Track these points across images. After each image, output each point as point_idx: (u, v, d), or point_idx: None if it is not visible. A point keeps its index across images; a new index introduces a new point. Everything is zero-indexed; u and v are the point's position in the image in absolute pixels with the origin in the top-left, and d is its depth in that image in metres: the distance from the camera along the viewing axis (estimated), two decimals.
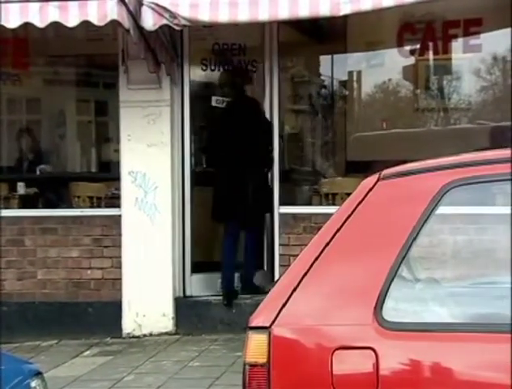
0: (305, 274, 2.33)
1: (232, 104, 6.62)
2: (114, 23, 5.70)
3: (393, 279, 2.23)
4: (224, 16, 5.69)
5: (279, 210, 6.38)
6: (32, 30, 5.85)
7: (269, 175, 6.51)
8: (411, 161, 2.47)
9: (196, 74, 6.83)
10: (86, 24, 5.67)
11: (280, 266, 6.30)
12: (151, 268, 6.42)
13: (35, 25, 5.58)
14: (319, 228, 2.44)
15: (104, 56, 7.27)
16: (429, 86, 7.28)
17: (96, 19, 5.58)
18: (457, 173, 2.30)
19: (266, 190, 6.42)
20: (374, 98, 7.49)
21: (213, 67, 6.82)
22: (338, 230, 2.35)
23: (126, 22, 5.62)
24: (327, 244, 2.35)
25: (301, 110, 7.16)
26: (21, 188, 6.96)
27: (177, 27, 5.87)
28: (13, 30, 5.75)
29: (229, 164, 6.40)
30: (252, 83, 7.03)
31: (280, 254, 6.35)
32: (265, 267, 6.66)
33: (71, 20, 5.56)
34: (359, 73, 7.38)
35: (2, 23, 5.60)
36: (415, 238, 2.25)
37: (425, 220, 2.26)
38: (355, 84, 7.52)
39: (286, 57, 6.84)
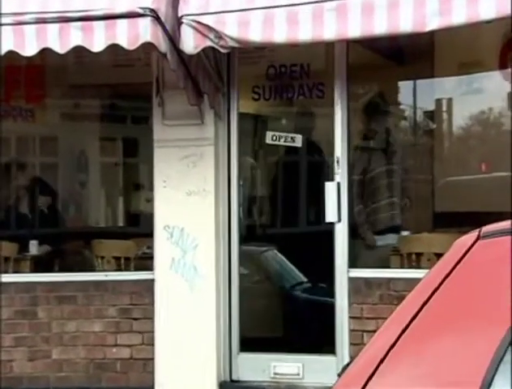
0: (385, 356, 2.31)
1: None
2: (147, 46, 5.81)
3: (499, 365, 2.20)
4: (280, 35, 5.77)
5: (349, 273, 6.36)
6: (49, 55, 6.00)
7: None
8: None
9: (246, 105, 6.92)
10: (113, 48, 5.80)
11: (351, 344, 6.24)
12: (190, 345, 6.43)
13: (54, 51, 5.71)
14: (401, 298, 2.42)
15: (135, 85, 7.41)
16: None
17: (125, 42, 5.68)
18: None
19: None
20: (470, 133, 7.46)
21: (267, 96, 6.90)
22: (427, 300, 2.34)
23: (162, 44, 5.73)
24: (413, 318, 2.33)
25: (375, 148, 7.16)
26: (33, 247, 7.07)
27: (223, 50, 5.97)
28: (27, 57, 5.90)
29: None
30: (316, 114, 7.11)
31: (351, 330, 6.30)
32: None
33: (97, 44, 5.68)
34: (449, 101, 7.36)
35: (16, 49, 5.74)
36: None
37: None
38: (444, 115, 7.50)
39: (356, 83, 6.89)
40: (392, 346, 2.32)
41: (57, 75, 7.51)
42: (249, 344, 6.65)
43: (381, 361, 2.31)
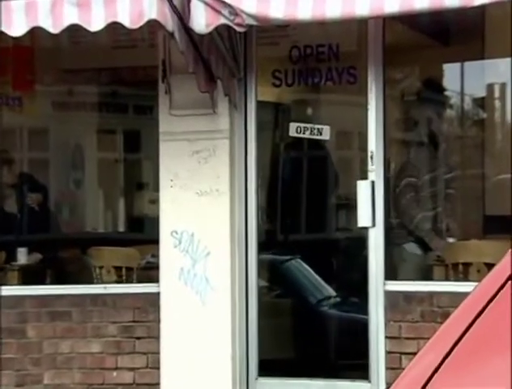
0: (426, 383, 2.30)
1: None
2: (153, 25, 5.84)
3: None
4: (305, 12, 5.80)
5: (385, 286, 6.36)
6: (39, 35, 6.04)
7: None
8: None
9: (266, 92, 6.93)
10: (114, 27, 5.83)
11: (387, 369, 6.25)
12: (201, 369, 6.45)
13: (46, 30, 5.74)
14: (446, 315, 2.42)
15: (138, 70, 7.46)
16: None
17: (128, 21, 5.72)
18: None
19: None
20: None
21: (290, 81, 6.91)
22: (476, 318, 2.33)
23: (170, 22, 5.75)
24: (460, 338, 2.33)
25: (415, 141, 7.17)
26: (22, 255, 7.12)
27: (239, 29, 5.99)
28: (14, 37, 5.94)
29: None
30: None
31: (387, 352, 6.30)
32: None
33: (95, 22, 5.71)
34: (502, 87, 7.35)
35: (2, 29, 5.78)
36: None
37: None
38: (497, 103, 7.49)
39: (394, 67, 6.89)
40: (435, 371, 2.31)
41: (48, 58, 7.56)
42: (269, 367, 6.67)
43: (423, 388, 2.30)
